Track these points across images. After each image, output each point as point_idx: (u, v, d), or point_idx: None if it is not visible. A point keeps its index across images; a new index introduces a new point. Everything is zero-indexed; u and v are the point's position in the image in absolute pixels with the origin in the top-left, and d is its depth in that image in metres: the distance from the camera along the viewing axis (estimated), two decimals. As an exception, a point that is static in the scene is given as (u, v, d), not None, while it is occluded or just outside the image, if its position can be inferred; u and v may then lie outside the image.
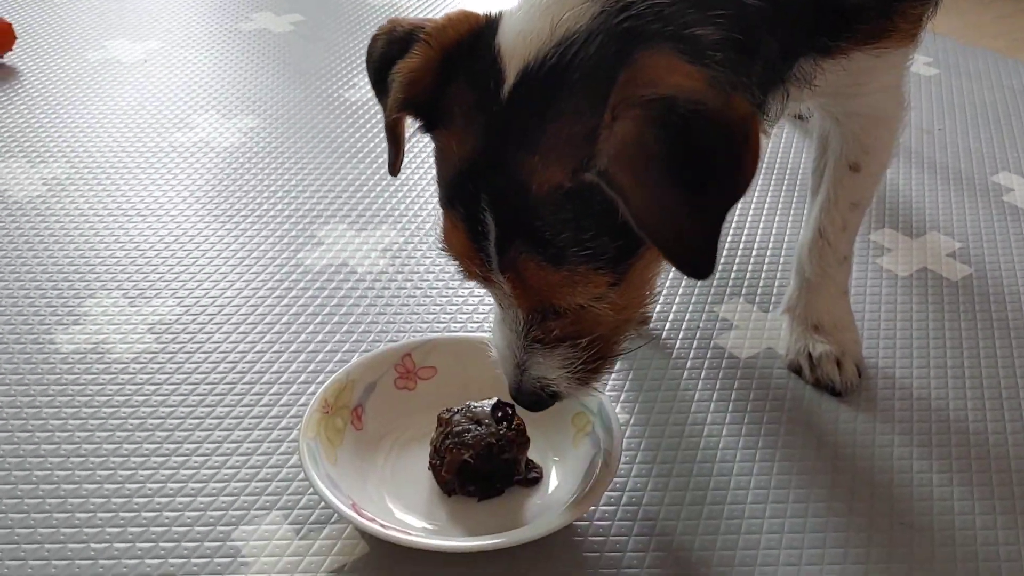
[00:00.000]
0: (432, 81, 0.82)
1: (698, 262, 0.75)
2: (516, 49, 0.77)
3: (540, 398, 0.91)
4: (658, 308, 1.32)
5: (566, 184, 0.75)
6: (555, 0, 0.77)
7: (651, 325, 1.28)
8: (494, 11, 0.84)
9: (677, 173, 0.71)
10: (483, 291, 0.92)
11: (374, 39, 0.89)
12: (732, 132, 0.72)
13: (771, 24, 0.82)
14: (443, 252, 0.86)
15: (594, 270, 0.79)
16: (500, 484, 0.99)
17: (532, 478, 1.01)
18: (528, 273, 0.79)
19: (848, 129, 1.10)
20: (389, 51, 0.86)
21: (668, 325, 1.29)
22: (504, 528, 0.94)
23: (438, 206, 0.86)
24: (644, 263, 0.84)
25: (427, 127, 0.85)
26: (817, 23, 0.88)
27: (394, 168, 0.93)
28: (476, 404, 1.01)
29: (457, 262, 0.85)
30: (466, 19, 0.83)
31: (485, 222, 0.79)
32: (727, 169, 0.73)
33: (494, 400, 1.01)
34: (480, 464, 0.97)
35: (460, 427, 0.98)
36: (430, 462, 1.00)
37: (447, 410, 1.01)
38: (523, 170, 0.76)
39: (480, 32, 0.81)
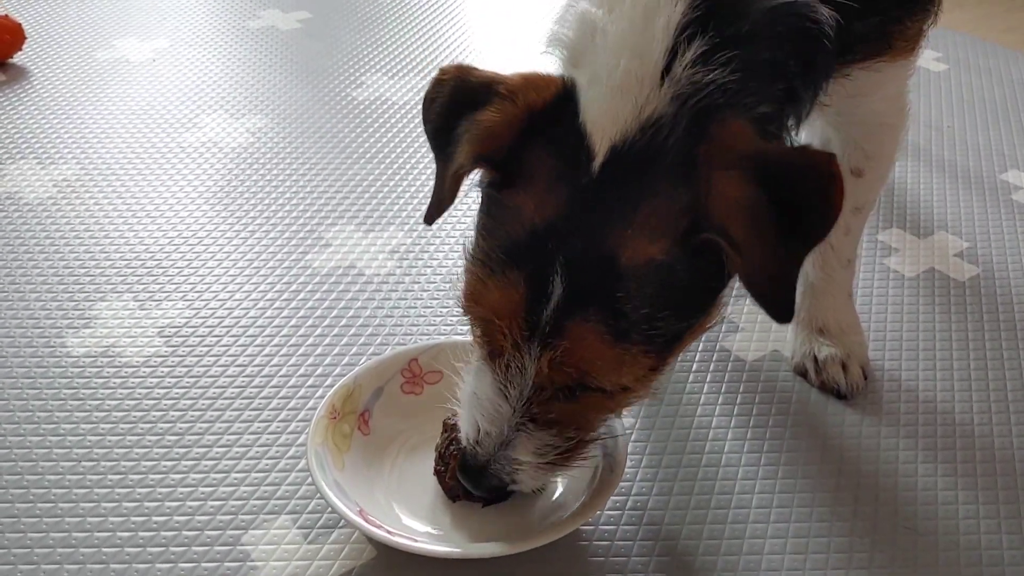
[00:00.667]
0: (511, 139, 0.82)
1: (787, 304, 0.80)
2: (604, 128, 0.79)
3: (502, 484, 0.90)
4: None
5: (658, 258, 0.78)
6: (635, 82, 0.79)
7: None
8: (564, 76, 0.84)
9: (780, 222, 0.76)
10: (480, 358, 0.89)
11: (439, 82, 0.88)
12: (820, 173, 0.78)
13: (806, 81, 0.86)
14: (469, 311, 0.85)
15: (645, 352, 0.80)
16: (505, 490, 1.00)
17: None
18: (585, 344, 0.79)
19: (850, 136, 1.11)
20: (458, 98, 0.85)
21: (674, 327, 1.29)
22: (509, 534, 0.95)
23: (471, 261, 0.84)
24: (681, 348, 0.86)
25: (502, 183, 0.83)
26: (841, 48, 0.90)
27: (433, 217, 0.90)
28: None
29: (491, 324, 0.83)
30: (547, 84, 0.83)
31: (553, 285, 0.78)
32: (822, 210, 0.78)
33: None
34: None
35: None
36: (435, 468, 1.01)
37: (452, 415, 1.02)
38: (613, 240, 0.78)
39: (560, 100, 0.82)
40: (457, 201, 0.88)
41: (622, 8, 0.81)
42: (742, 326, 1.30)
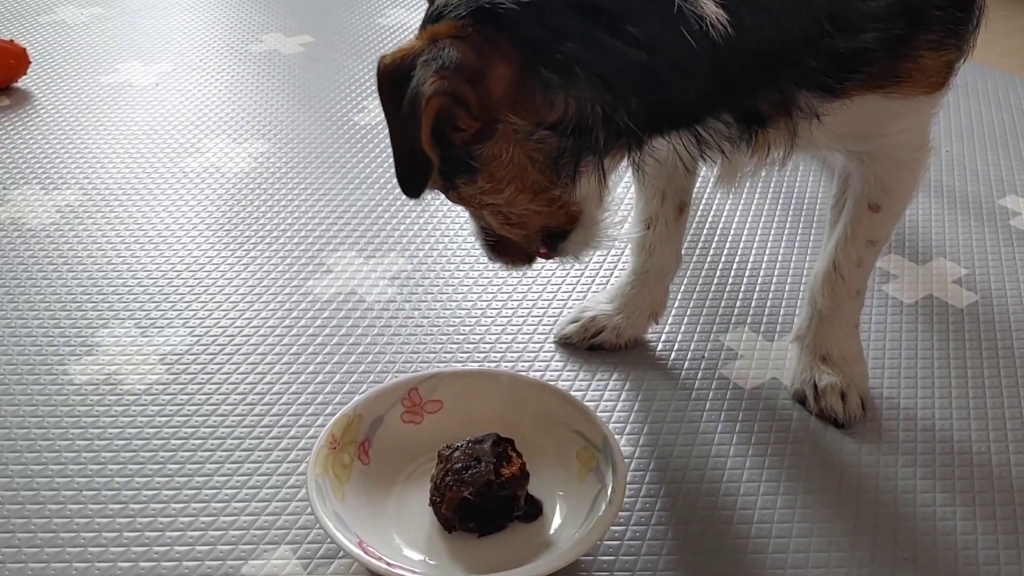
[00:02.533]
0: None
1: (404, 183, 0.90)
2: None
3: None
4: (663, 335, 1.33)
5: None
6: None
7: (655, 353, 1.29)
8: None
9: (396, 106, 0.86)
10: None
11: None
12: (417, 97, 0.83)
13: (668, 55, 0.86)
14: None
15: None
16: (500, 520, 1.00)
17: (532, 513, 1.02)
18: None
19: (870, 170, 1.09)
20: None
21: (673, 354, 1.30)
22: (507, 565, 0.95)
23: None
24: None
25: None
26: (791, 63, 0.90)
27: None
28: (476, 440, 1.02)
29: None
30: None
31: None
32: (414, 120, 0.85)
33: (494, 436, 1.02)
34: (480, 501, 0.98)
35: (460, 464, 0.99)
36: (431, 499, 1.01)
37: (447, 447, 1.02)
38: None
39: None
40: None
41: None
42: (741, 353, 1.30)
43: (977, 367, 1.29)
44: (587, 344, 1.29)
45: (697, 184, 1.31)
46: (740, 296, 1.41)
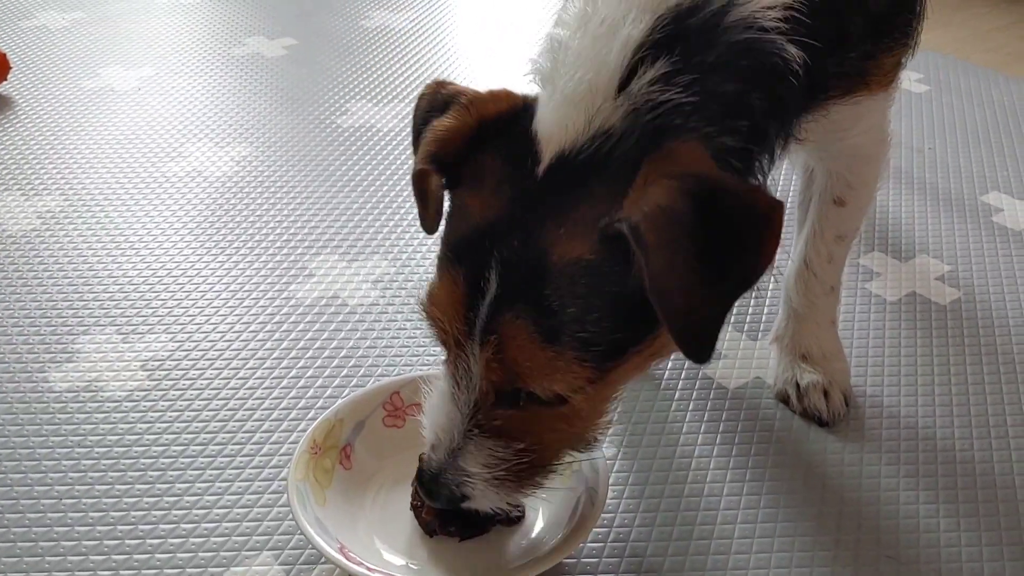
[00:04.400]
0: (462, 144, 0.85)
1: (701, 344, 0.77)
2: (553, 136, 0.81)
3: (454, 496, 0.89)
4: (647, 337, 1.32)
5: (586, 256, 0.77)
6: (588, 94, 0.80)
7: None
8: (531, 94, 0.87)
9: (701, 246, 0.73)
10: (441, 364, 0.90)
11: (420, 97, 0.92)
12: (759, 215, 0.76)
13: (774, 118, 0.86)
14: (422, 310, 0.86)
15: (580, 360, 0.79)
16: (481, 524, 1.00)
17: (514, 517, 1.01)
18: (515, 342, 0.79)
19: (832, 167, 1.11)
20: (431, 111, 0.89)
21: (657, 355, 1.29)
22: (490, 569, 0.95)
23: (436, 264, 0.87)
24: (626, 368, 0.84)
25: (449, 184, 0.86)
26: (816, 89, 0.91)
27: (427, 225, 0.91)
28: None
29: (436, 322, 0.85)
30: (507, 97, 0.86)
31: (488, 281, 0.79)
32: (749, 251, 0.76)
33: None
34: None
35: None
36: (412, 503, 1.01)
37: None
38: (546, 238, 0.78)
39: (518, 113, 0.85)
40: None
41: (587, 27, 0.83)
42: (724, 353, 1.30)
43: (960, 364, 1.29)
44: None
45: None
46: (724, 295, 1.41)
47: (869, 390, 1.24)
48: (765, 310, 1.38)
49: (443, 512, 0.98)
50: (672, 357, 1.29)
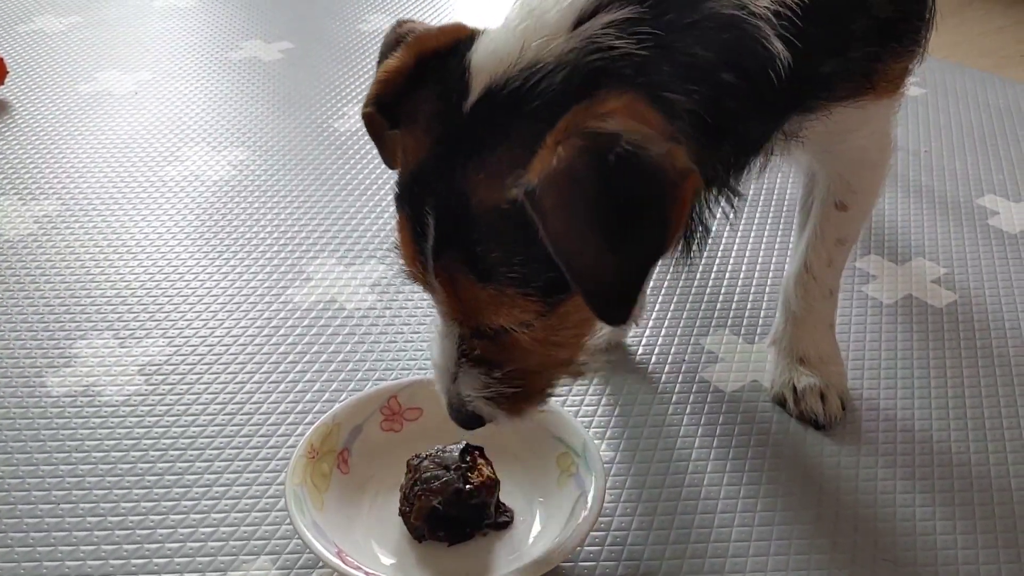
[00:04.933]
0: (403, 84, 0.85)
1: (611, 308, 0.76)
2: (485, 67, 0.79)
3: (465, 414, 0.92)
4: (643, 340, 1.33)
5: (503, 205, 0.77)
6: (532, 25, 0.79)
7: (636, 357, 1.29)
8: (484, 27, 0.86)
9: (601, 211, 0.72)
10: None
11: (383, 40, 0.92)
12: (663, 186, 0.72)
13: (747, 103, 0.83)
14: (395, 249, 0.88)
15: (523, 295, 0.79)
16: (470, 529, 1.00)
17: (502, 522, 1.01)
18: (457, 284, 0.81)
19: (835, 170, 1.11)
20: (386, 52, 0.89)
21: (653, 358, 1.30)
22: (487, 572, 0.95)
23: None
24: (579, 300, 0.80)
25: (392, 125, 0.88)
26: (800, 91, 0.90)
27: (386, 162, 0.94)
28: (445, 449, 1.01)
29: (404, 263, 0.87)
30: (453, 31, 0.86)
31: (427, 226, 0.81)
32: (651, 222, 0.73)
33: (463, 444, 1.02)
34: (449, 510, 0.98)
35: (428, 473, 0.99)
36: (400, 509, 1.01)
37: (416, 456, 1.02)
38: (468, 184, 0.78)
39: (459, 46, 0.84)
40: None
41: None
42: (721, 356, 1.30)
43: (956, 366, 1.29)
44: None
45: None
46: (720, 299, 1.42)
47: (866, 393, 1.24)
48: (762, 314, 1.39)
49: (431, 518, 0.98)
50: (666, 360, 1.29)
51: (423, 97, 0.83)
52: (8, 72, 1.98)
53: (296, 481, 1.00)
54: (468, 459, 1.00)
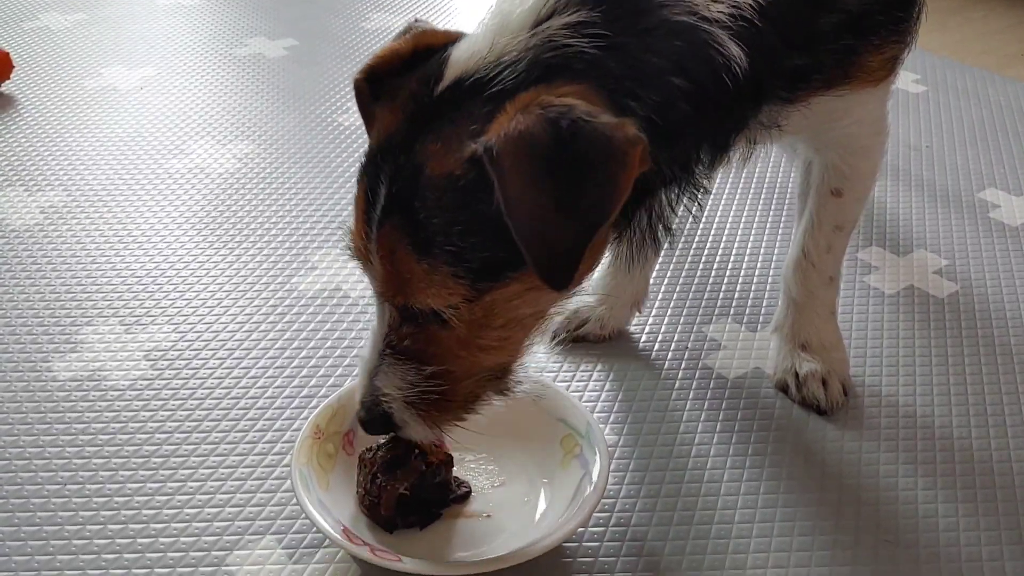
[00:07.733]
0: (396, 65, 0.90)
1: (555, 271, 0.79)
2: (459, 60, 0.85)
3: (375, 415, 0.91)
4: (647, 327, 1.34)
5: (455, 172, 0.80)
6: (500, 27, 0.85)
7: (639, 344, 1.30)
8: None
9: (555, 174, 0.76)
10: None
11: (398, 33, 0.97)
12: (613, 150, 0.76)
13: (701, 106, 0.85)
14: (347, 228, 0.90)
15: (453, 275, 0.82)
16: (436, 508, 1.01)
17: (463, 493, 1.02)
18: (395, 254, 0.83)
19: (828, 158, 1.12)
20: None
21: (657, 345, 1.30)
22: (492, 551, 0.95)
23: None
24: (507, 293, 0.84)
25: (374, 97, 0.91)
26: (764, 88, 0.91)
27: (371, 136, 0.96)
28: (391, 436, 0.99)
29: (351, 236, 0.88)
30: (453, 35, 0.91)
31: (378, 195, 0.83)
32: (600, 184, 0.77)
33: None
34: (416, 493, 0.98)
35: (386, 463, 0.99)
36: (361, 506, 1.00)
37: (367, 449, 1.01)
38: (424, 153, 0.82)
39: (449, 45, 0.89)
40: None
41: None
42: (724, 343, 1.31)
43: (957, 355, 1.30)
44: (571, 336, 1.30)
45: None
46: (723, 287, 1.42)
47: (868, 380, 1.25)
48: (764, 301, 1.39)
49: (400, 505, 0.98)
50: (669, 348, 1.30)
51: (406, 81, 0.88)
52: (14, 67, 1.99)
53: (302, 461, 1.01)
54: (417, 442, 0.98)
